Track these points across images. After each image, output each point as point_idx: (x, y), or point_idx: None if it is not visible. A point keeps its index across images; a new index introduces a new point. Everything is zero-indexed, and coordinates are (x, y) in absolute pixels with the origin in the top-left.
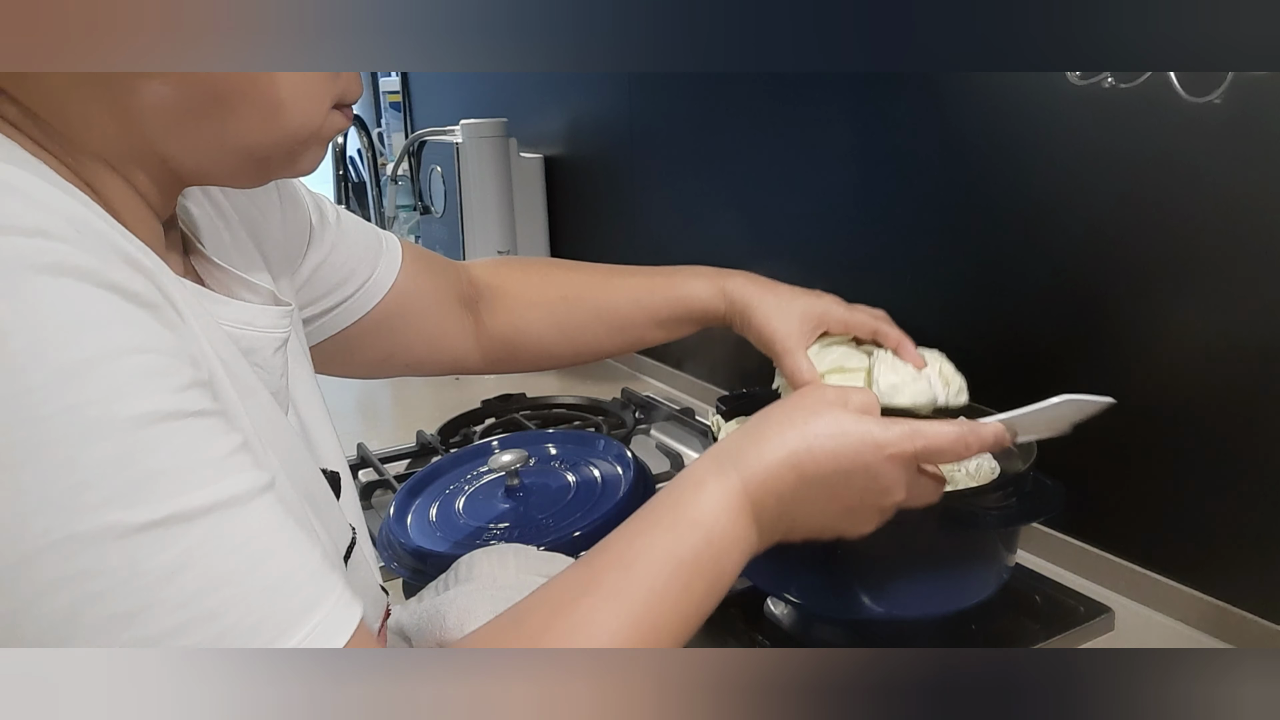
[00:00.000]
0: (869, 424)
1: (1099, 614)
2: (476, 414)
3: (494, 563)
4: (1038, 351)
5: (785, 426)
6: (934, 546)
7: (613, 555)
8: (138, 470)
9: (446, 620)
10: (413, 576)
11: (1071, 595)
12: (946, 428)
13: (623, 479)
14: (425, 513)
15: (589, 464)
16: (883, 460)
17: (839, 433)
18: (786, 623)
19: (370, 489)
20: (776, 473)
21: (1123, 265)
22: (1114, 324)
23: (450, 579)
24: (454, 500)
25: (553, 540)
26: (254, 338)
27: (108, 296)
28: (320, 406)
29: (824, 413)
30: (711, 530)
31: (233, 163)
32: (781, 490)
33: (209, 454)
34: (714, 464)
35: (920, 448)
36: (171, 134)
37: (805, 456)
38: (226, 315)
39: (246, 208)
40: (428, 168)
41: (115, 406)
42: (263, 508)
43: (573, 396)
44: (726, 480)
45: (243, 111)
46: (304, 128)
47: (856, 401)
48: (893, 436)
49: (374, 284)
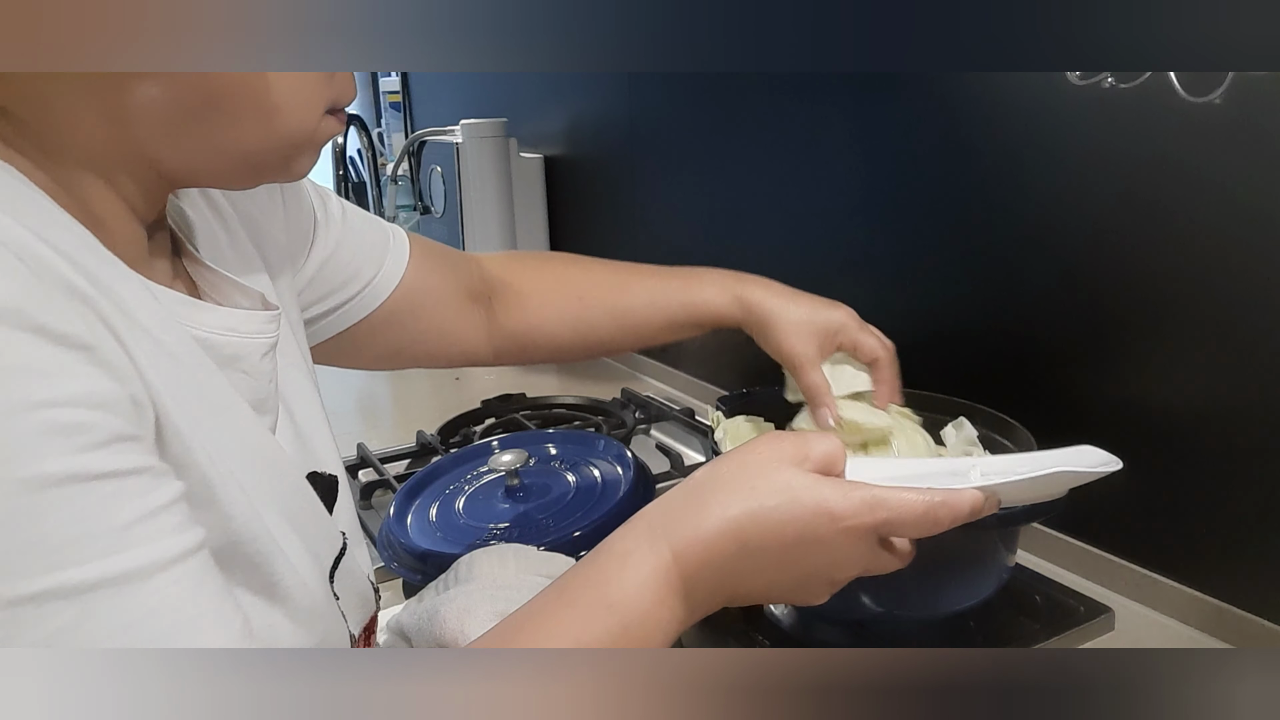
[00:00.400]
0: (825, 490)
1: (1099, 614)
2: (476, 414)
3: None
4: (1038, 352)
5: (730, 490)
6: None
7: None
8: (20, 538)
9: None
10: (413, 576)
11: (1071, 595)
12: (915, 499)
13: (623, 479)
14: (425, 513)
15: (589, 464)
16: (837, 533)
17: (790, 500)
18: (786, 623)
19: (370, 489)
20: (715, 544)
21: (1123, 265)
22: (1115, 324)
23: (450, 579)
24: (454, 500)
25: (553, 540)
26: (239, 344)
27: (30, 341)
28: (318, 409)
29: (776, 474)
30: (629, 615)
31: (225, 166)
32: (721, 563)
33: (110, 522)
34: (646, 532)
35: (882, 520)
36: (162, 137)
37: (750, 526)
38: (209, 322)
39: (247, 207)
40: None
41: (9, 467)
42: (165, 584)
43: (573, 396)
44: (656, 555)
45: (236, 115)
46: (298, 132)
47: (818, 455)
48: (851, 506)
49: (381, 280)
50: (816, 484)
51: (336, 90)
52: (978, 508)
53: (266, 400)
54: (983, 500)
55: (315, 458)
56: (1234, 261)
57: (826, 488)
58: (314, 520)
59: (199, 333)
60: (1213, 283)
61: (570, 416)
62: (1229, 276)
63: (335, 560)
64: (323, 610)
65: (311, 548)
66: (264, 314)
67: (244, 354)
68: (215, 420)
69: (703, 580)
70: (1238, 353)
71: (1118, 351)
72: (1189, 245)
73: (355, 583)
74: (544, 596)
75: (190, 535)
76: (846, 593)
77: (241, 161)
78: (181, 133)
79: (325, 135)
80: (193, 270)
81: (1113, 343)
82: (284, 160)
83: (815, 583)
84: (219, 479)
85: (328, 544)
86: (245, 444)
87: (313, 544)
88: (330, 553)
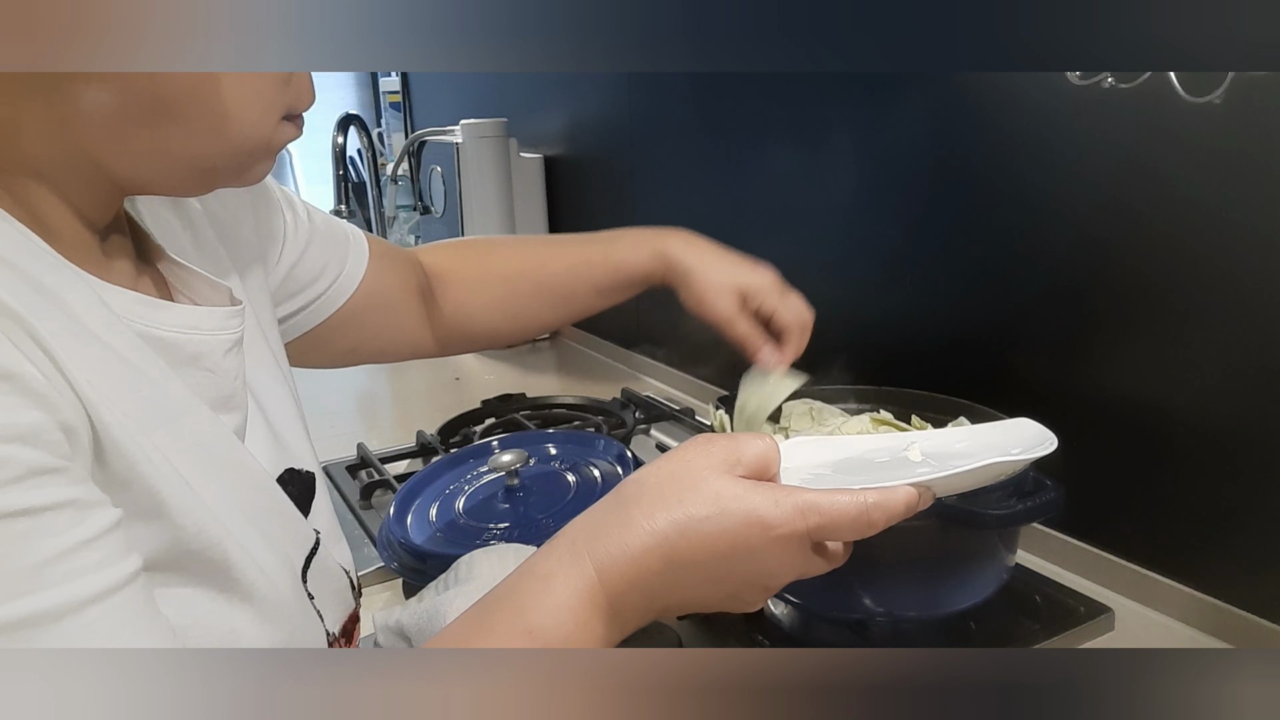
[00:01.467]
0: (756, 498)
1: (1099, 614)
2: (476, 414)
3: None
4: (1038, 352)
5: (657, 503)
6: (934, 546)
7: None
8: None
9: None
10: (413, 576)
11: (1071, 595)
12: (847, 502)
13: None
14: (425, 513)
15: (589, 464)
16: (769, 541)
17: (718, 511)
18: (786, 623)
19: (370, 489)
20: (641, 562)
21: (1123, 265)
22: (1114, 324)
23: (450, 579)
24: (454, 500)
25: None
26: (201, 341)
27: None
28: (292, 407)
29: (704, 484)
30: (549, 640)
31: (177, 173)
32: (648, 580)
33: (21, 562)
34: (569, 551)
35: (814, 525)
36: (111, 143)
37: (678, 541)
38: (170, 320)
39: (215, 209)
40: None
41: None
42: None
43: (573, 396)
44: (579, 575)
45: (187, 121)
46: (252, 139)
47: (751, 459)
48: (782, 514)
49: (344, 280)
50: (746, 492)
51: (293, 96)
52: (912, 504)
53: (232, 397)
54: (917, 496)
55: (291, 455)
56: (1235, 261)
57: (757, 496)
58: (282, 519)
59: (159, 332)
60: (1214, 282)
61: (570, 416)
62: (1230, 276)
63: (307, 559)
64: (292, 610)
65: (280, 548)
66: (227, 309)
67: (206, 351)
68: (168, 425)
69: (629, 598)
70: (1239, 353)
71: (1118, 352)
72: (1189, 245)
73: (331, 580)
74: (463, 620)
75: (117, 570)
76: (847, 592)
77: (193, 169)
78: (131, 139)
79: (281, 142)
80: (165, 268)
81: (1113, 343)
82: (238, 167)
83: (749, 591)
84: (167, 487)
85: (298, 543)
86: (201, 447)
87: (280, 544)
88: (302, 552)
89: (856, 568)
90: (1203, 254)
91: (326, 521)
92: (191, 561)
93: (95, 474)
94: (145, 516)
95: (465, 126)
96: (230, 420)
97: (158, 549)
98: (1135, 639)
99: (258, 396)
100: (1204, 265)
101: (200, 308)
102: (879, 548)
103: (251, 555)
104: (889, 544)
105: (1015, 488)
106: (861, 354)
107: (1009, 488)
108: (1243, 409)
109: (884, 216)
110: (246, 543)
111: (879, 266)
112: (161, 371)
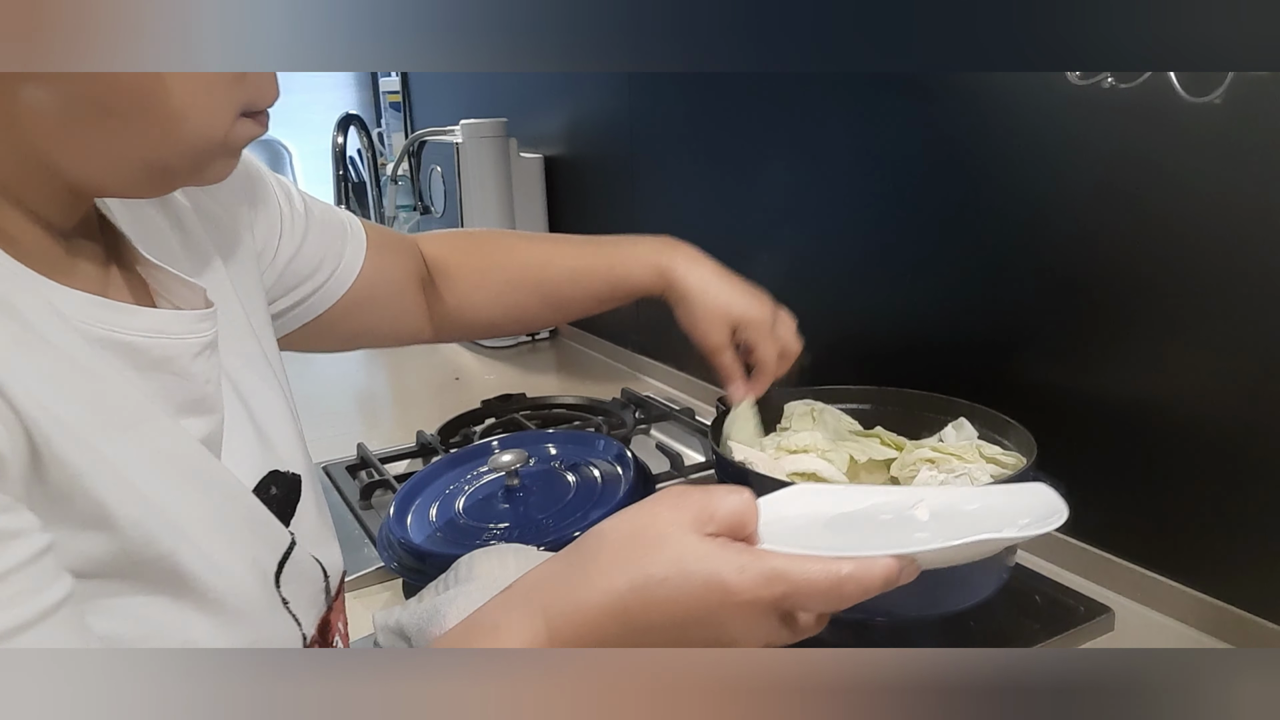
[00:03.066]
0: (720, 560)
1: (1099, 614)
2: (476, 414)
3: (494, 563)
4: (1038, 352)
5: (617, 560)
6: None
7: None
8: None
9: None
10: (413, 576)
11: (1071, 595)
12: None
13: (623, 479)
14: (425, 513)
15: (589, 464)
16: (730, 608)
17: (679, 573)
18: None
19: (370, 489)
20: (595, 622)
21: (1122, 265)
22: (1114, 323)
23: (450, 579)
24: (454, 500)
25: (553, 540)
26: (168, 345)
27: None
28: (281, 408)
29: (669, 543)
30: None
31: (130, 174)
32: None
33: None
34: (521, 602)
35: (780, 594)
36: (60, 145)
37: (634, 602)
38: (136, 325)
39: (208, 205)
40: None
41: None
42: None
43: (573, 396)
44: (529, 629)
45: (135, 122)
46: (204, 138)
47: (724, 516)
48: (747, 581)
49: (343, 271)
50: (711, 554)
51: (251, 92)
52: (891, 578)
53: (204, 401)
54: (898, 570)
55: (276, 456)
56: (1235, 261)
57: (722, 558)
58: (252, 524)
59: (123, 337)
60: (1214, 283)
61: (570, 416)
62: (1230, 277)
63: (281, 562)
64: (261, 616)
65: (247, 553)
66: (197, 313)
67: (175, 355)
68: (125, 432)
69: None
70: (1239, 353)
71: (1119, 351)
72: (1190, 245)
73: (308, 583)
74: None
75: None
76: None
77: (146, 169)
78: (78, 141)
79: (240, 140)
80: (145, 271)
81: (1113, 343)
82: (193, 167)
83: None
84: (113, 497)
85: (270, 547)
86: (159, 453)
87: (249, 549)
88: (275, 556)
89: None
90: (1203, 254)
91: (312, 523)
92: (142, 570)
93: (34, 489)
94: (90, 526)
95: (465, 126)
96: (202, 424)
97: (104, 559)
98: (1135, 639)
99: (245, 397)
100: (1205, 265)
101: (168, 311)
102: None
103: (212, 562)
104: None
105: None
106: (861, 354)
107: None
108: (1243, 409)
109: (883, 216)
110: (209, 549)
111: (878, 266)
112: (122, 377)
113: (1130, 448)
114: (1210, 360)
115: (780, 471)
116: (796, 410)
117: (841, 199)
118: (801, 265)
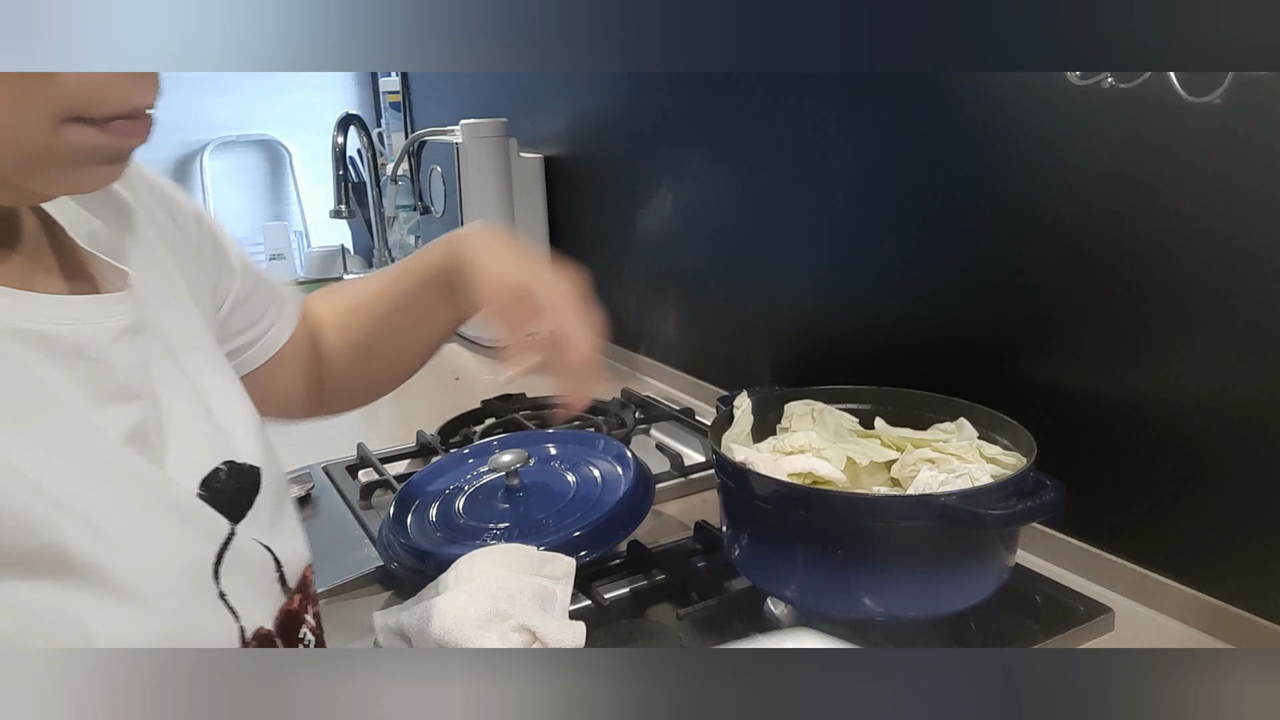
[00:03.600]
0: None
1: (1099, 614)
2: (476, 414)
3: (494, 563)
4: (1039, 351)
5: None
6: (934, 546)
7: None
8: None
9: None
10: (413, 577)
11: (1071, 595)
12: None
13: (623, 479)
14: (425, 513)
15: (589, 464)
16: None
17: None
18: (786, 623)
19: (370, 489)
20: None
21: (1123, 265)
22: (1114, 325)
23: (450, 579)
24: (454, 500)
25: (553, 540)
26: (82, 331)
27: None
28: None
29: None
30: None
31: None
32: None
33: None
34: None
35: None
36: None
37: None
38: (45, 314)
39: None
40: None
41: None
42: None
43: None
44: None
45: None
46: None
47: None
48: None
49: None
50: None
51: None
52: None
53: (128, 387)
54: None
55: (232, 448)
56: (1235, 261)
57: None
58: (178, 514)
59: (33, 325)
60: (1213, 283)
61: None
62: (1230, 277)
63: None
64: (184, 606)
65: (167, 540)
66: (114, 295)
67: (90, 341)
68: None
69: None
70: (1239, 353)
71: (1118, 352)
72: (1189, 245)
73: (255, 576)
74: None
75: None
76: (847, 592)
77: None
78: None
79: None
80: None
81: (1113, 344)
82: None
83: None
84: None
85: (202, 536)
86: (63, 443)
87: (169, 537)
88: (209, 545)
89: (856, 567)
90: (1203, 254)
91: (268, 515)
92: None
93: None
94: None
95: (465, 126)
96: (127, 411)
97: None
98: (1135, 639)
99: (202, 392)
100: (1204, 265)
101: (81, 297)
102: (879, 547)
103: (119, 550)
104: (890, 543)
105: (1015, 488)
106: (862, 354)
107: (1009, 488)
108: (1243, 409)
109: (884, 216)
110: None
111: (880, 265)
112: (25, 368)
113: (1130, 448)
114: (1210, 360)
115: (779, 472)
116: (796, 410)
117: (841, 199)
118: (802, 265)
